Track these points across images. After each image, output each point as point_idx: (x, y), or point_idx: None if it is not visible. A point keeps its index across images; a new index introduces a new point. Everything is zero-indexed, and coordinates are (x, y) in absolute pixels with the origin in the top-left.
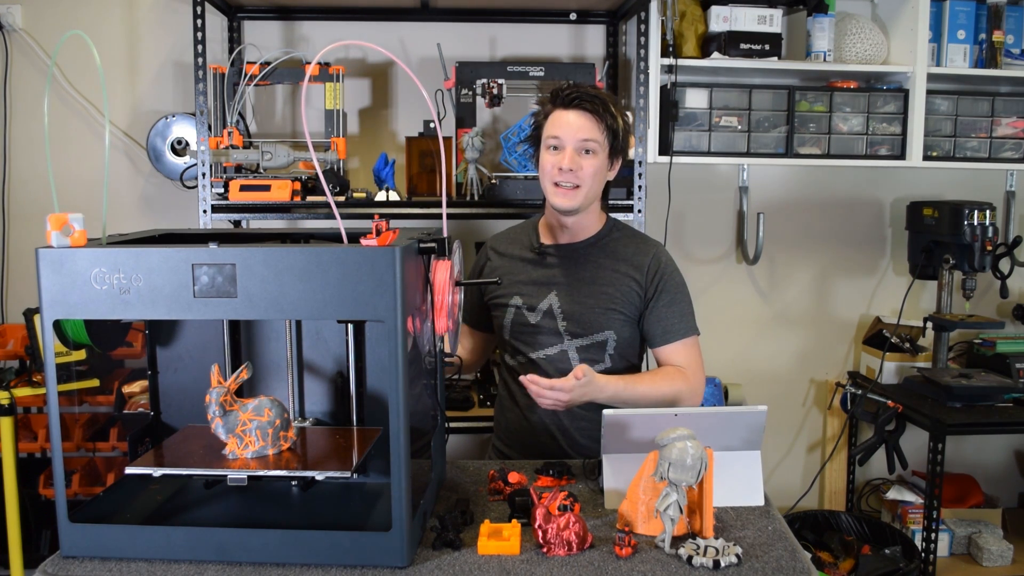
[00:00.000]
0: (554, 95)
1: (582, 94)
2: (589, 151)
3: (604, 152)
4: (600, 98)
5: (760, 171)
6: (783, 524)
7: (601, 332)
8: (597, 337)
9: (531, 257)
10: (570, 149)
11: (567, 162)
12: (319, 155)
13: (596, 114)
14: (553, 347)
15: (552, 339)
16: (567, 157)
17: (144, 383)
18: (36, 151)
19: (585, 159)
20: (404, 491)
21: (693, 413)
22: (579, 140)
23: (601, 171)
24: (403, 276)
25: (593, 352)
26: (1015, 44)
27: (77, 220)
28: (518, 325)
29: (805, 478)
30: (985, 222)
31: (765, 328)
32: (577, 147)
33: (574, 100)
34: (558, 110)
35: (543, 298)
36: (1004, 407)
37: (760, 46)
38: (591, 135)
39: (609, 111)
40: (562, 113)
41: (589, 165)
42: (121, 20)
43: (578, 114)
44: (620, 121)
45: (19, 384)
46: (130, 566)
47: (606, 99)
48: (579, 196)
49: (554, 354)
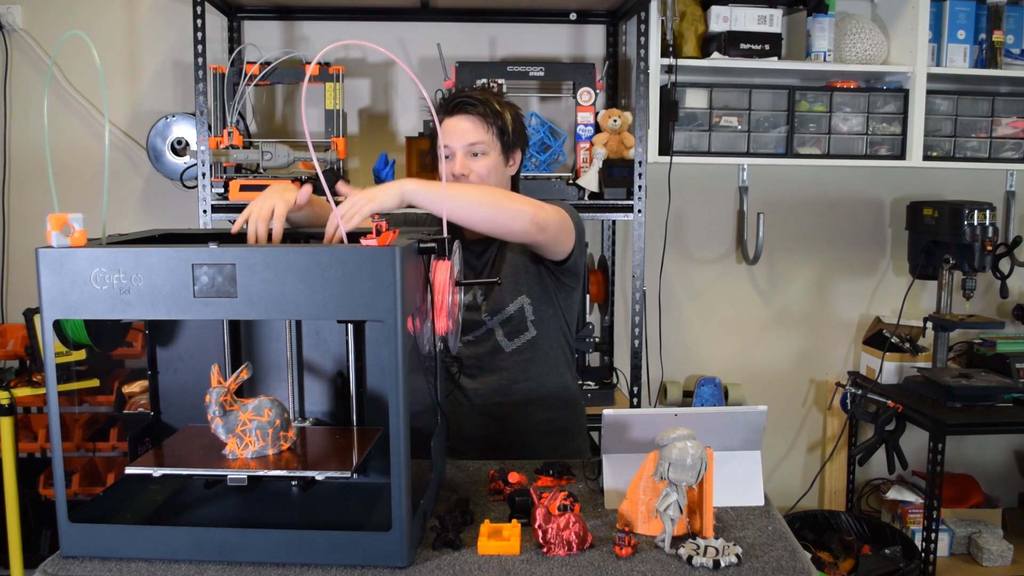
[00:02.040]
0: (441, 104)
1: (464, 98)
2: (478, 153)
3: (495, 150)
4: (481, 99)
5: (760, 171)
6: (783, 524)
7: (515, 300)
8: (512, 307)
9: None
10: (460, 155)
11: (458, 168)
12: (319, 155)
13: (479, 115)
14: (479, 328)
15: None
16: (458, 163)
17: (144, 383)
18: (36, 151)
19: (475, 161)
20: (404, 491)
21: (693, 413)
22: (466, 144)
23: (496, 169)
24: (403, 276)
25: (516, 323)
26: (1015, 44)
27: (77, 220)
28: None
29: (805, 478)
30: (985, 222)
31: (765, 328)
32: (466, 151)
33: (456, 106)
34: (446, 118)
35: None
36: (1004, 407)
37: (760, 46)
38: (477, 137)
39: (492, 109)
40: (448, 120)
41: (481, 167)
42: (121, 20)
43: (461, 119)
44: (508, 115)
45: (19, 384)
46: (130, 566)
47: (488, 98)
48: None
49: (481, 334)
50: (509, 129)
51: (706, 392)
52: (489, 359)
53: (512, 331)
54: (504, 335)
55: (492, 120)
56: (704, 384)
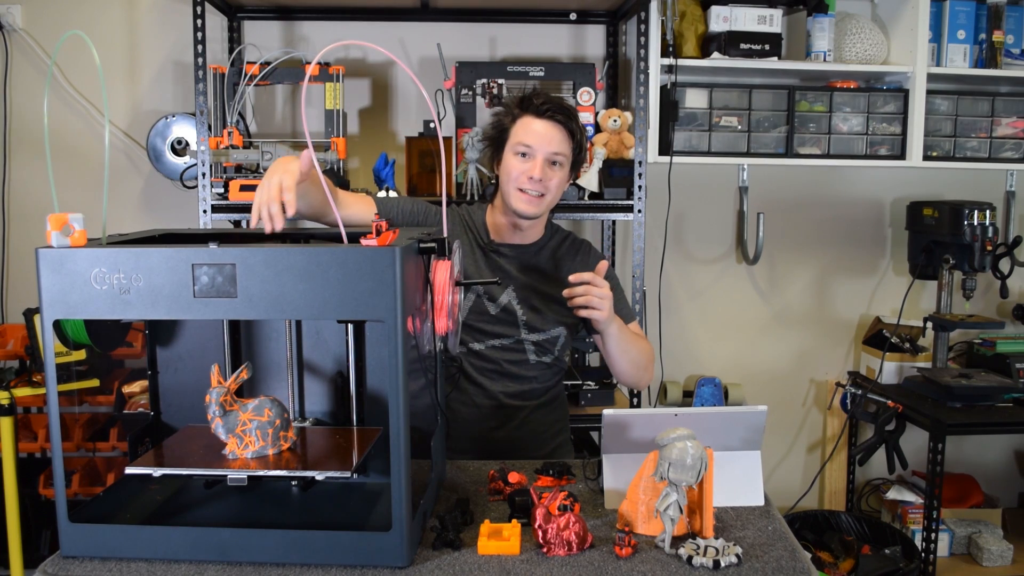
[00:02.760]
0: (525, 101)
1: (554, 105)
2: (556, 163)
3: (568, 165)
4: (570, 111)
5: (760, 171)
6: (783, 524)
7: (555, 329)
8: (552, 333)
9: (481, 251)
10: (540, 159)
11: (538, 172)
12: (319, 155)
13: (567, 128)
14: (509, 338)
15: (510, 330)
16: (538, 167)
17: (144, 383)
18: (36, 151)
19: (553, 170)
20: (404, 491)
21: (693, 413)
22: (550, 152)
23: (564, 183)
24: (403, 276)
25: (546, 346)
26: (1015, 44)
27: (77, 220)
28: (476, 312)
29: (805, 478)
30: (985, 222)
31: (765, 328)
32: (547, 158)
33: (547, 110)
34: (529, 117)
35: (502, 292)
36: (1004, 407)
37: (760, 46)
38: (561, 149)
39: (577, 125)
40: (533, 121)
41: (556, 177)
42: (121, 20)
43: (549, 125)
44: (582, 135)
45: (19, 384)
46: (130, 566)
47: (573, 112)
48: (543, 204)
49: (509, 343)
50: (583, 148)
51: (706, 392)
52: (514, 366)
53: (542, 351)
54: (535, 351)
55: (575, 135)
56: (704, 384)
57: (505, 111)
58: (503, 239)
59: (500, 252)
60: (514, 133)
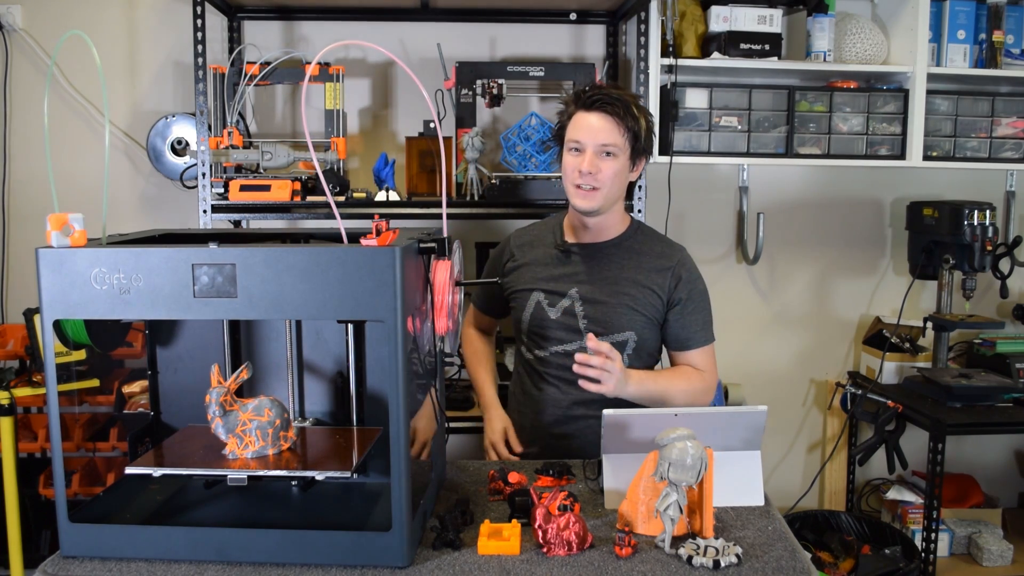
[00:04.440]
0: (577, 96)
1: (603, 96)
2: (609, 154)
3: (625, 154)
4: (622, 100)
5: (760, 171)
6: (783, 524)
7: (623, 332)
8: (618, 337)
9: (554, 254)
10: (590, 152)
11: (586, 165)
12: (319, 155)
13: (617, 116)
14: (572, 343)
15: (571, 335)
16: (586, 160)
17: (144, 383)
18: (36, 151)
19: (605, 162)
20: (404, 491)
21: (693, 413)
22: (598, 143)
23: (622, 173)
24: (403, 276)
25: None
26: (1015, 44)
27: (77, 220)
28: (537, 319)
29: (805, 478)
30: (985, 222)
31: (765, 328)
32: (597, 150)
33: (595, 102)
34: (580, 112)
35: (564, 295)
36: (1004, 407)
37: (760, 46)
38: (610, 139)
39: (631, 113)
40: (583, 115)
41: (608, 168)
42: (121, 20)
43: (598, 116)
44: (643, 122)
45: (19, 384)
46: (130, 566)
47: (629, 100)
48: (598, 198)
49: (573, 350)
50: (642, 135)
51: None
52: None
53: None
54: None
55: (628, 123)
56: None
57: (563, 110)
58: (578, 239)
59: (570, 252)
60: (569, 130)
